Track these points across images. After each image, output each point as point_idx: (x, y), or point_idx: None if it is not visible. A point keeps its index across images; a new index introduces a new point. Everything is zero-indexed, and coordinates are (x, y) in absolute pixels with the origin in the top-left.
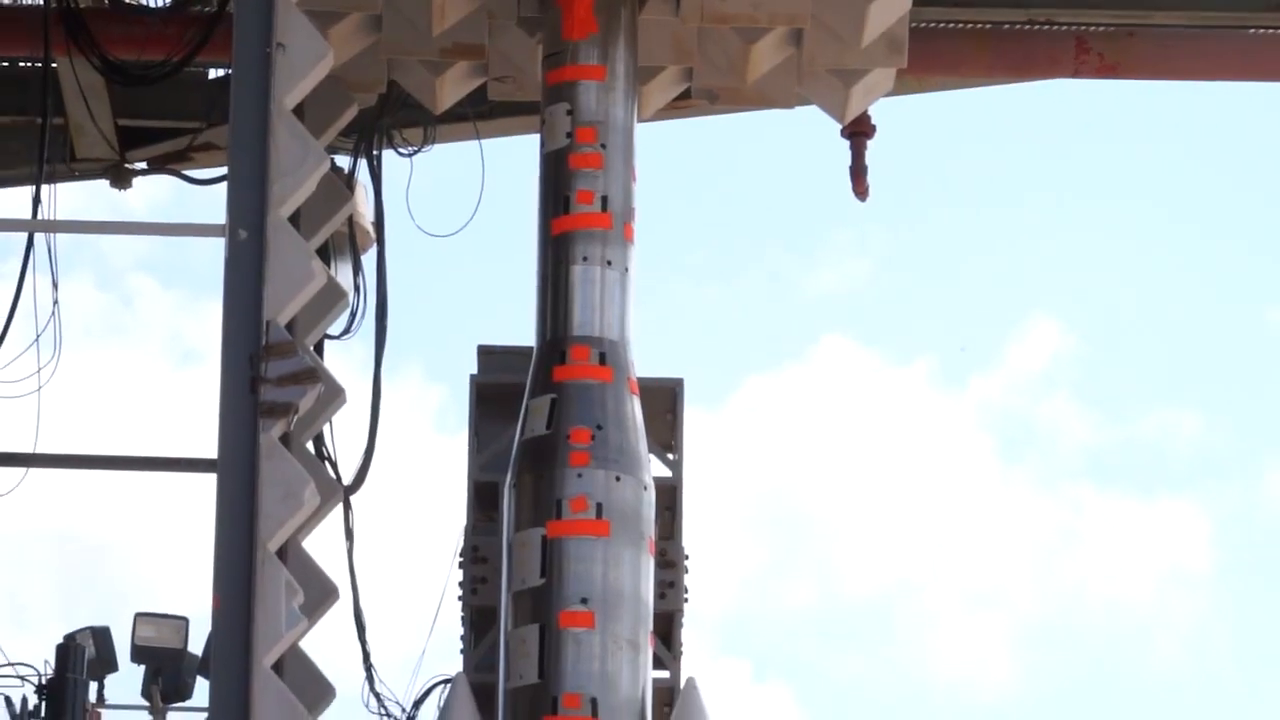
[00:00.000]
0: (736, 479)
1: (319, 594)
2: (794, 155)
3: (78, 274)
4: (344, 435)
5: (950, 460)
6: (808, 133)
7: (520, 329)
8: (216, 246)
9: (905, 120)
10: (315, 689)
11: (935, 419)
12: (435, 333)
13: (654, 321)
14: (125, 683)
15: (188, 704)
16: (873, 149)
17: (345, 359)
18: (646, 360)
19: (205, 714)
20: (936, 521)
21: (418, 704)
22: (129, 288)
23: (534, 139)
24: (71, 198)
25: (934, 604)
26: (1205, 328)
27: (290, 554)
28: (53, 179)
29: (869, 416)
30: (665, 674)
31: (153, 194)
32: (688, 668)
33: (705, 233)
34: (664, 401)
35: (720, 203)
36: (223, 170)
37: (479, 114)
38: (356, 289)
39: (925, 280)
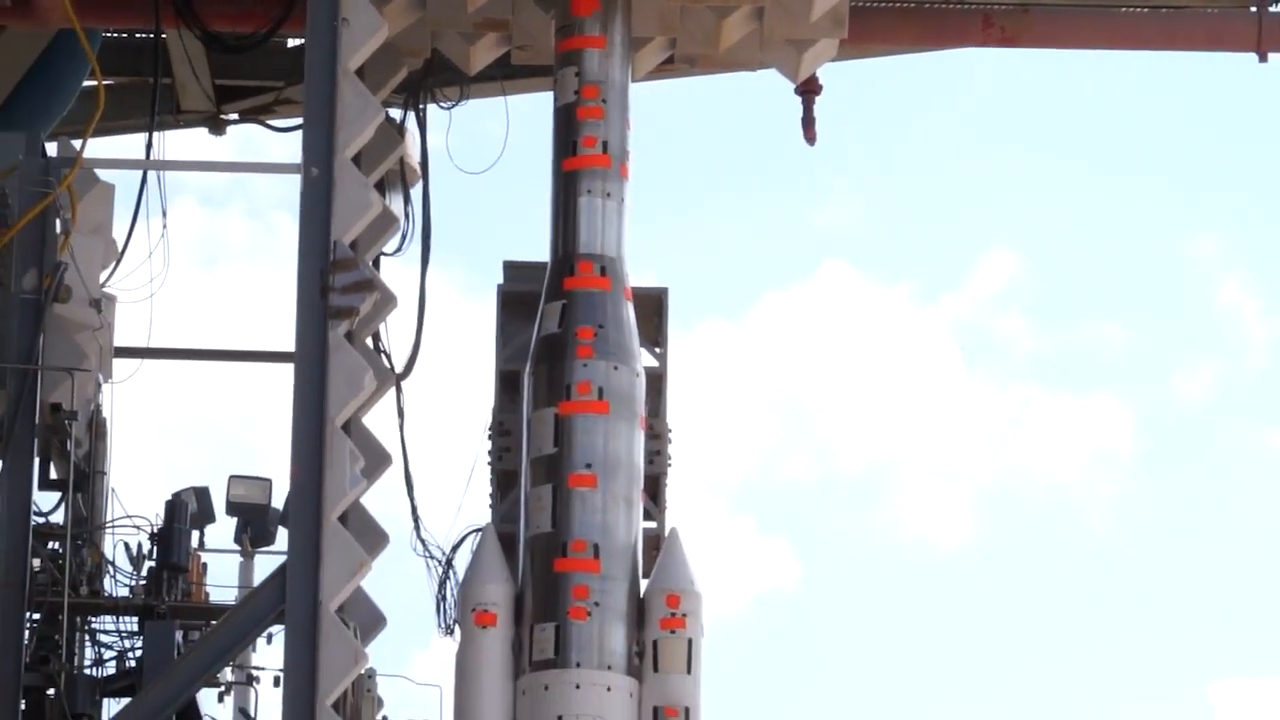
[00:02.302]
0: (754, 374)
1: (376, 460)
2: (778, 112)
3: (232, 207)
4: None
5: (924, 363)
6: (770, 90)
7: (537, 247)
8: (298, 182)
9: (852, 81)
10: (372, 537)
11: (913, 329)
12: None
13: (687, 247)
14: (221, 531)
15: (271, 549)
16: (851, 111)
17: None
18: (678, 278)
19: (285, 556)
20: (912, 411)
21: (455, 548)
22: (272, 220)
23: (548, 95)
24: (224, 142)
25: (908, 477)
26: (1130, 256)
27: (353, 428)
28: (161, 127)
29: (861, 326)
30: (653, 524)
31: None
32: (700, 523)
33: (725, 176)
34: (653, 306)
35: (729, 153)
36: (299, 120)
37: (504, 75)
38: (406, 215)
39: (907, 217)
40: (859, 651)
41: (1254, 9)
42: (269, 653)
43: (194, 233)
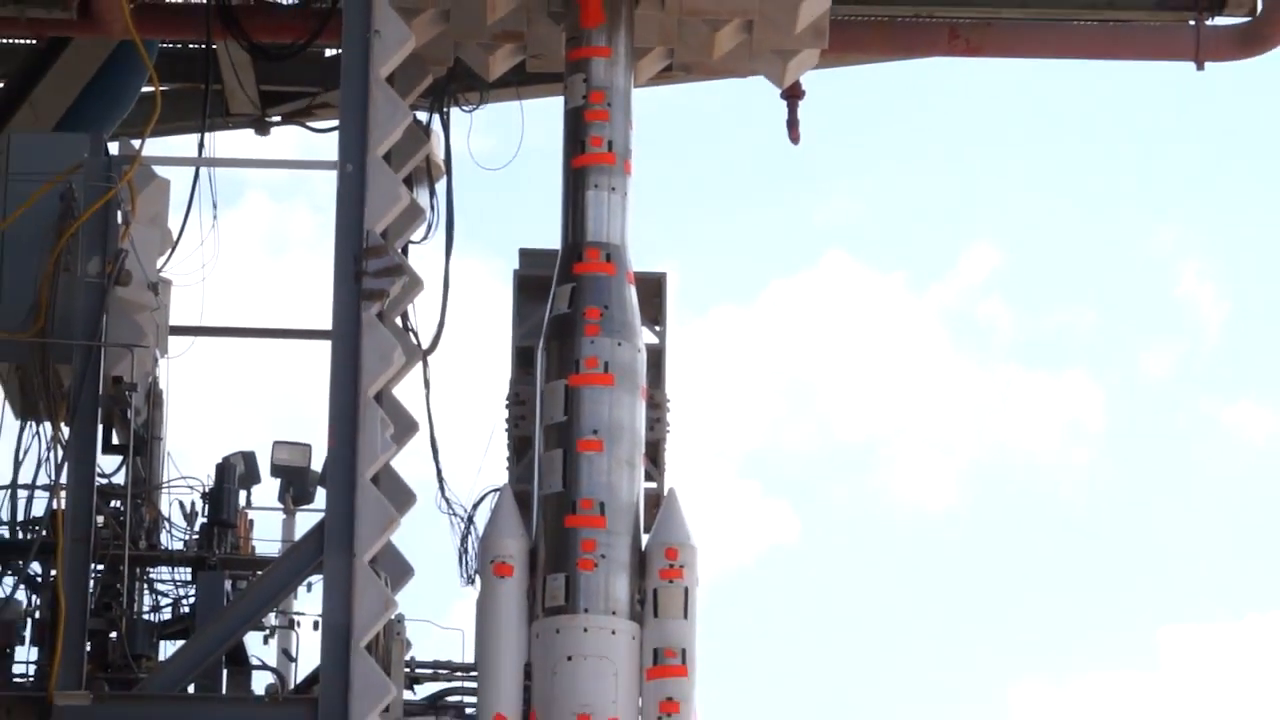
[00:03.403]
0: (762, 353)
1: (404, 427)
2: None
3: (297, 202)
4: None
5: (915, 345)
6: (759, 95)
7: (550, 236)
8: (334, 178)
9: (851, 89)
10: (401, 496)
11: (905, 315)
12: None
13: (702, 239)
14: (266, 491)
15: (311, 506)
16: (847, 117)
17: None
18: (694, 267)
19: (323, 514)
20: (905, 388)
21: (475, 506)
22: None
23: (559, 100)
24: (269, 142)
25: (900, 447)
26: (1098, 247)
27: (384, 399)
28: (212, 128)
29: (858, 311)
30: (653, 485)
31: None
32: (710, 486)
33: (737, 176)
34: (653, 289)
35: (742, 156)
36: (335, 122)
37: (520, 81)
38: (431, 207)
39: (900, 214)
40: (852, 602)
41: (1192, 23)
42: (309, 599)
43: (265, 225)
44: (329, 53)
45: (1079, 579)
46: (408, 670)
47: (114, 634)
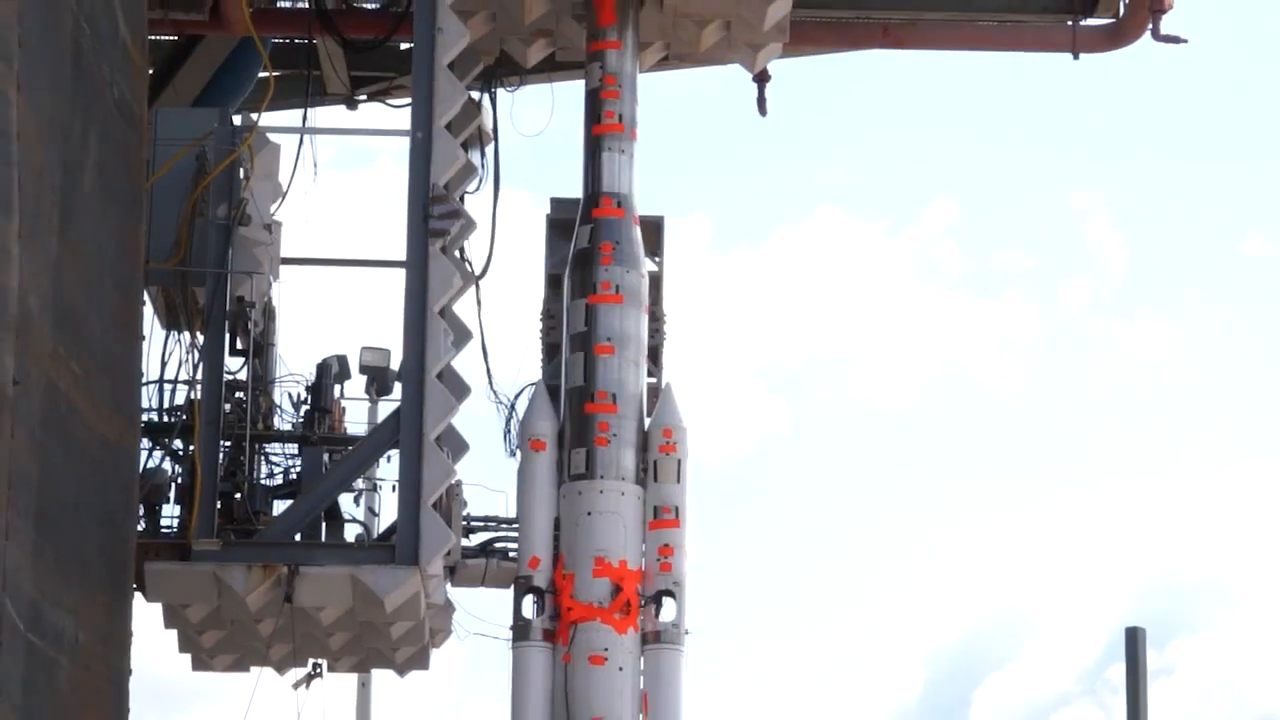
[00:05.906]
0: (769, 284)
1: (461, 335)
2: (785, 104)
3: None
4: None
5: (888, 280)
6: (736, 79)
7: (574, 187)
8: (406, 142)
9: (798, 73)
10: (459, 388)
11: (882, 256)
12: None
13: (723, 195)
14: (355, 385)
15: (390, 397)
16: (833, 100)
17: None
18: (717, 218)
19: (399, 403)
20: (879, 312)
21: (516, 397)
22: None
23: (581, 82)
24: (357, 116)
25: (873, 361)
26: (1031, 203)
27: (446, 314)
28: (312, 105)
29: (845, 252)
30: (654, 380)
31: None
32: (720, 386)
33: (751, 147)
34: (654, 228)
35: (757, 132)
36: (408, 100)
37: (551, 68)
38: (482, 166)
39: (879, 175)
40: (833, 482)
41: (1070, 22)
42: (388, 468)
43: (394, 182)
44: (404, 45)
45: (1007, 460)
46: (464, 523)
47: (238, 495)
